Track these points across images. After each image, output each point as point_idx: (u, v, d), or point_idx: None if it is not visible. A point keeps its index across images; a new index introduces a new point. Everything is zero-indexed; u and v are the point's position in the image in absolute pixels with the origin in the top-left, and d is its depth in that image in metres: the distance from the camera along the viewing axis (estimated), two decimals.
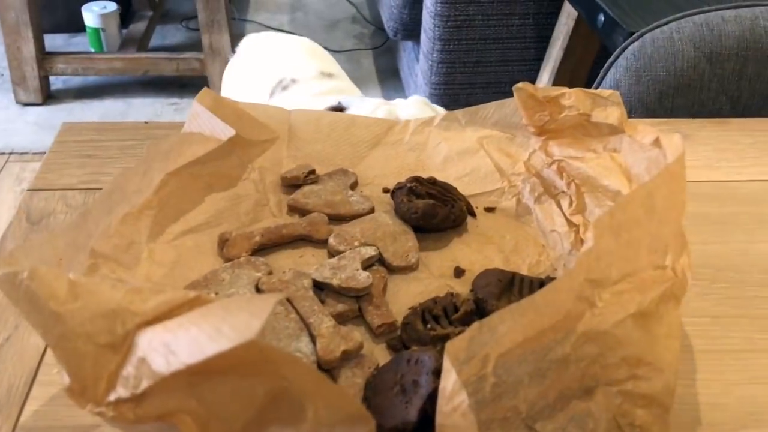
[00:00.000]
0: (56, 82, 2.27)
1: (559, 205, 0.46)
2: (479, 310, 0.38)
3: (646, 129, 0.42)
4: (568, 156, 0.46)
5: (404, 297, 0.41)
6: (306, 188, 0.47)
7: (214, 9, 2.08)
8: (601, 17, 1.38)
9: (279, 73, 1.45)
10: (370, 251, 0.42)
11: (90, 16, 2.27)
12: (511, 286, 0.40)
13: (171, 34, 2.65)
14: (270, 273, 0.41)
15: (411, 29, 1.98)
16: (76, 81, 2.27)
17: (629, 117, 0.47)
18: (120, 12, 2.35)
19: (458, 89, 1.88)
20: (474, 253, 0.44)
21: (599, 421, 0.29)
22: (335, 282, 0.39)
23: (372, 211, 0.46)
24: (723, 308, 0.42)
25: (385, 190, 0.49)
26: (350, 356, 0.36)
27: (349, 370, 0.35)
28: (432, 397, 0.30)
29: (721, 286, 0.43)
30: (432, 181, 0.46)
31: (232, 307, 0.24)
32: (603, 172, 0.43)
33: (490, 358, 0.29)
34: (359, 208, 0.46)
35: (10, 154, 1.97)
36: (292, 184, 0.48)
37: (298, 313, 0.38)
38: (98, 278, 0.34)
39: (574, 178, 0.45)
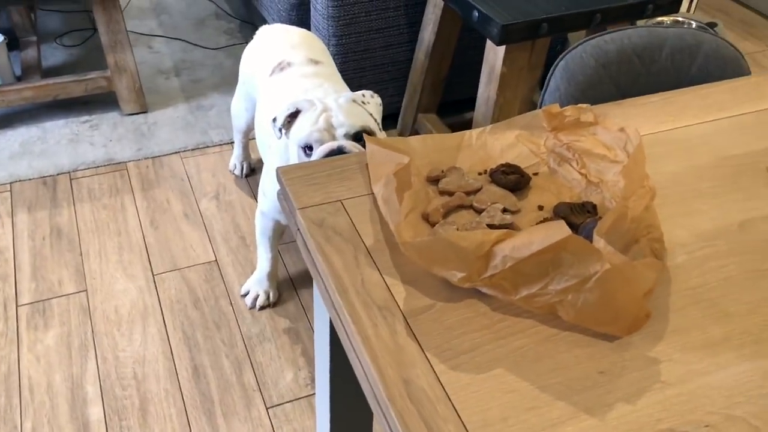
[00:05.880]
0: None
1: (570, 166, 0.89)
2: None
3: (612, 122, 0.86)
4: (571, 140, 0.90)
5: (522, 225, 0.83)
6: (443, 180, 0.87)
7: (116, 30, 2.20)
8: (476, 13, 1.78)
9: (279, 56, 1.74)
10: (500, 206, 0.83)
11: None
12: (571, 209, 0.83)
13: (50, 54, 2.70)
14: (457, 229, 0.80)
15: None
16: None
17: (564, 107, 0.91)
18: (7, 41, 2.39)
19: (351, 74, 2.20)
20: (540, 197, 0.87)
21: (645, 249, 0.74)
22: (495, 221, 0.80)
23: (481, 187, 0.87)
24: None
25: (479, 173, 0.90)
26: None
27: None
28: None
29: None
30: (509, 165, 0.88)
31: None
32: (592, 146, 0.88)
33: (606, 229, 0.72)
34: (476, 185, 0.87)
35: None
36: (432, 180, 0.87)
37: None
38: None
39: (576, 150, 0.89)
